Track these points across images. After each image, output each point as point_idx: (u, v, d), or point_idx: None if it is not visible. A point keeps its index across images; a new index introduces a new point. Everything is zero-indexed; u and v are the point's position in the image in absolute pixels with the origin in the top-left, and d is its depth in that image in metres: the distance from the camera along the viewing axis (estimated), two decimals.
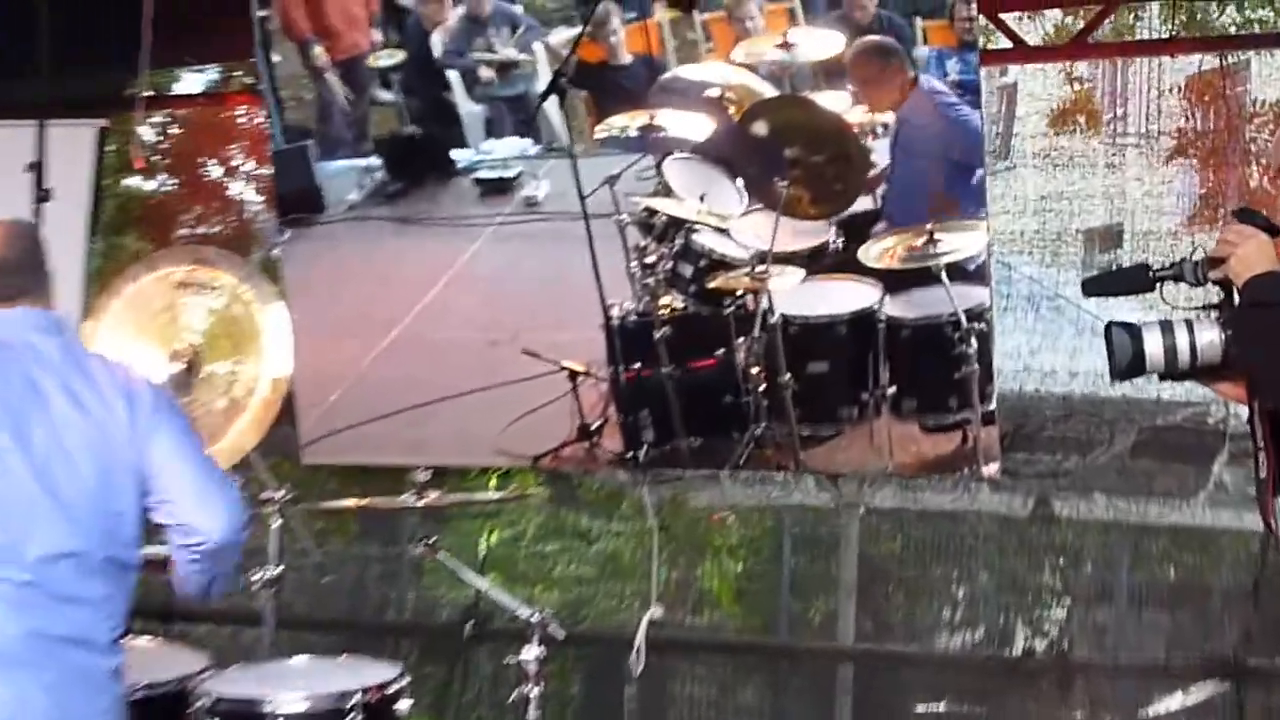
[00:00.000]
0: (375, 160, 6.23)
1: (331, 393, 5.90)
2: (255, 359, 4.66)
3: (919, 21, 5.32)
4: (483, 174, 6.10)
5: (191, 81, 8.42)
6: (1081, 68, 6.91)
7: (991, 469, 5.32)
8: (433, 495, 4.62)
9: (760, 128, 5.31)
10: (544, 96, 5.19)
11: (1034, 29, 7.08)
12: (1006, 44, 6.18)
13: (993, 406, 5.27)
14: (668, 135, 5.48)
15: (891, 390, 5.28)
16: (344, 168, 6.27)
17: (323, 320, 5.92)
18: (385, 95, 6.26)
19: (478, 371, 5.72)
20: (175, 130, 8.92)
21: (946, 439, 5.37)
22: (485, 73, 6.13)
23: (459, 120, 6.17)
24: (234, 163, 8.76)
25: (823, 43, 5.45)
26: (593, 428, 5.57)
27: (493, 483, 6.23)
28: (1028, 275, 6.56)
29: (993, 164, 6.34)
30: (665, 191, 5.45)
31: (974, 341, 5.15)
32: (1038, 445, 6.59)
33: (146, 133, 7.87)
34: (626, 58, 5.81)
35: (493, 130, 6.14)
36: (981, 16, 5.63)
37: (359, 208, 6.21)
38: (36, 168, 4.95)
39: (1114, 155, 6.84)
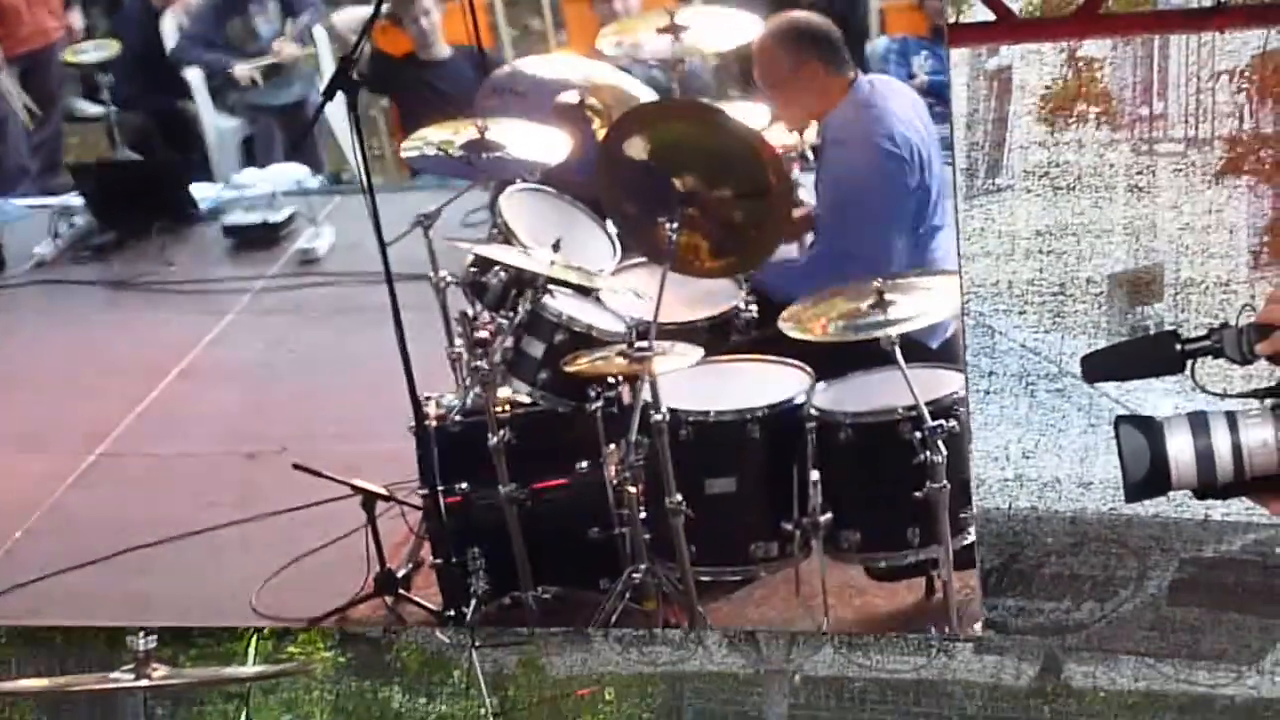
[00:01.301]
0: (75, 199, 5.92)
1: (9, 531, 5.54)
2: None
3: (873, 2, 5.30)
4: (237, 218, 5.87)
5: None
6: (1092, 46, 6.46)
7: (974, 624, 5.25)
8: (161, 671, 4.34)
9: (638, 147, 5.03)
10: (326, 97, 4.81)
11: None
12: (987, 15, 5.89)
13: (971, 539, 5.14)
14: (506, 157, 5.23)
15: (826, 517, 5.01)
16: (28, 210, 5.97)
17: None
18: (90, 108, 5.76)
19: (227, 499, 5.47)
20: None
21: (906, 588, 5.22)
22: (243, 71, 5.89)
23: (202, 141, 5.97)
24: None
25: (728, 27, 5.29)
26: (399, 575, 5.26)
27: (253, 647, 5.67)
28: (1019, 343, 6.18)
29: (968, 186, 5.89)
30: (504, 238, 5.21)
31: (941, 446, 4.90)
32: (1038, 587, 6.32)
33: None
34: (444, 50, 5.73)
35: (255, 156, 5.96)
36: None
37: (51, 266, 5.88)
38: None
39: (1141, 173, 6.42)
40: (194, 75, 5.88)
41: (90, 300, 5.87)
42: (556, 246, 5.09)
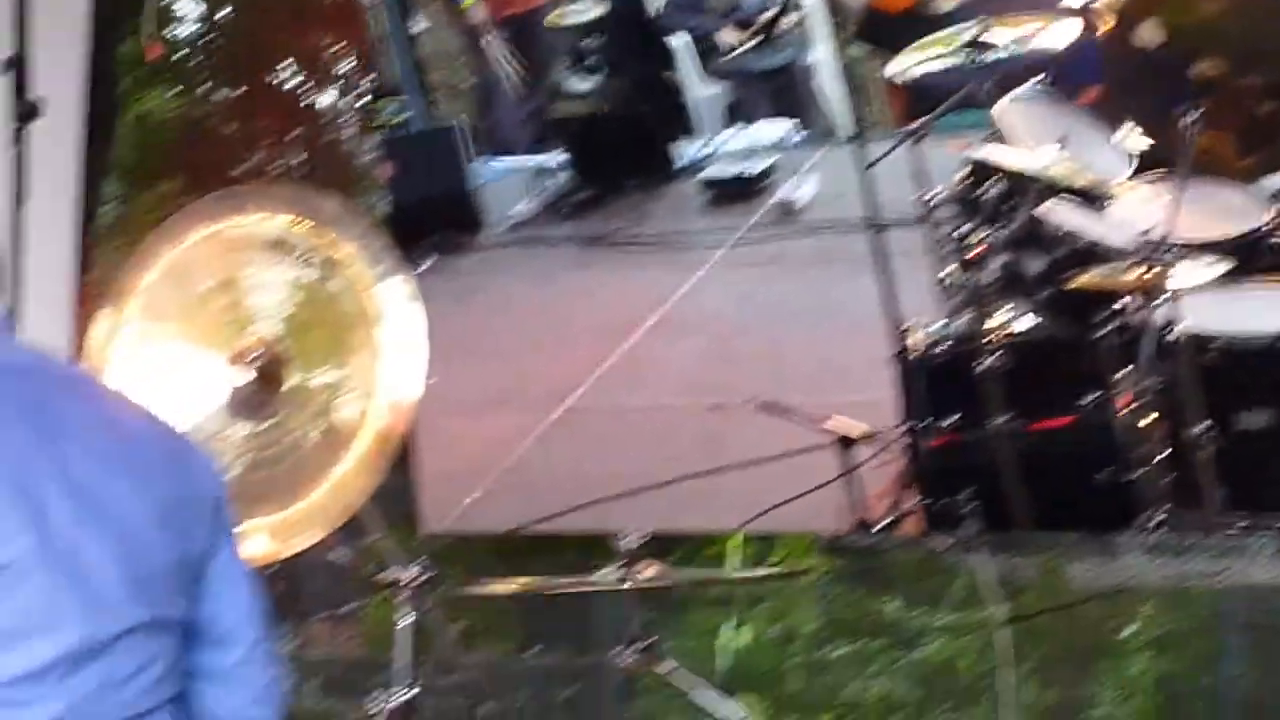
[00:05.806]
0: (557, 158, 5.74)
1: (472, 489, 5.24)
2: (366, 363, 3.72)
3: None
4: (714, 173, 5.64)
5: None
6: None
7: None
8: (650, 571, 3.86)
9: (1151, 33, 4.49)
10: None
11: None
12: None
13: None
14: (1004, 58, 4.64)
15: None
16: (511, 168, 5.81)
17: (468, 387, 5.29)
18: (580, 84, 5.59)
19: (691, 451, 5.05)
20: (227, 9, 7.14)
21: None
22: (728, 37, 5.63)
23: (684, 107, 5.72)
24: (322, 59, 6.92)
25: None
26: (877, 527, 4.75)
27: (740, 551, 5.23)
28: None
29: None
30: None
31: None
32: None
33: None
34: (950, 2, 5.22)
35: (739, 117, 5.70)
36: None
37: (530, 225, 5.71)
38: (16, 65, 3.95)
39: None
40: (678, 42, 5.65)
41: (563, 258, 5.63)
42: (1061, 144, 4.48)
